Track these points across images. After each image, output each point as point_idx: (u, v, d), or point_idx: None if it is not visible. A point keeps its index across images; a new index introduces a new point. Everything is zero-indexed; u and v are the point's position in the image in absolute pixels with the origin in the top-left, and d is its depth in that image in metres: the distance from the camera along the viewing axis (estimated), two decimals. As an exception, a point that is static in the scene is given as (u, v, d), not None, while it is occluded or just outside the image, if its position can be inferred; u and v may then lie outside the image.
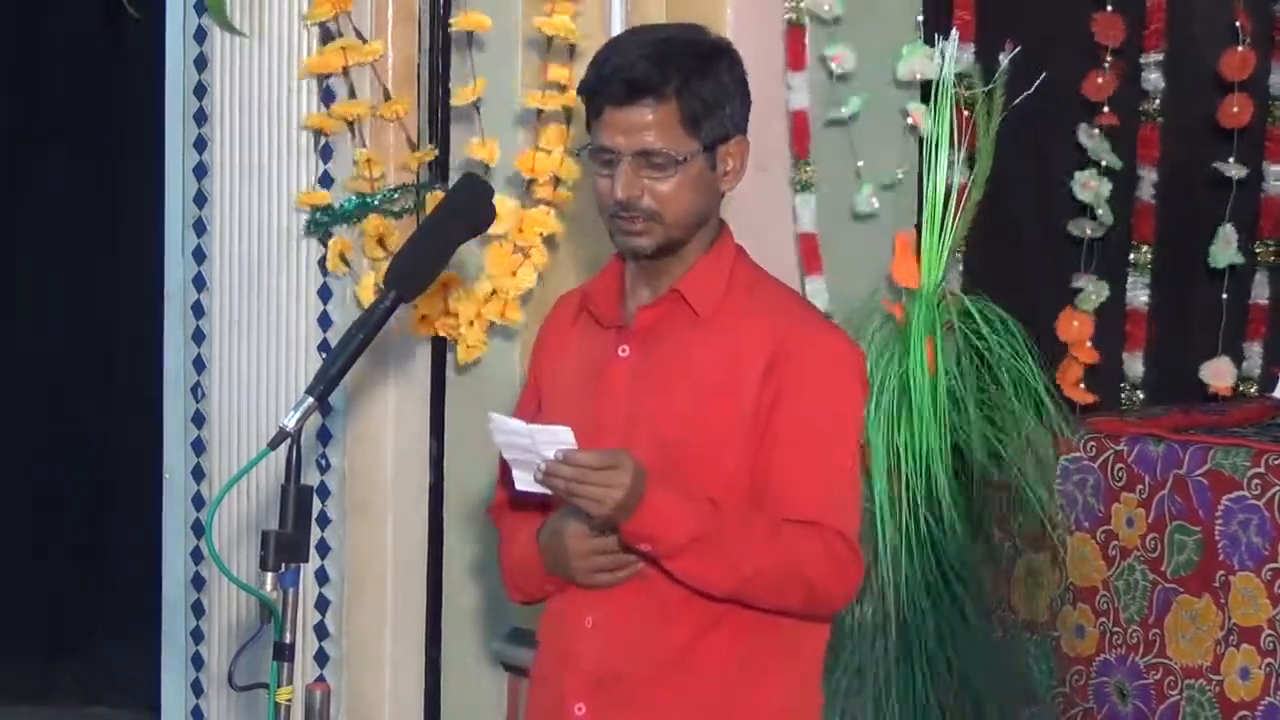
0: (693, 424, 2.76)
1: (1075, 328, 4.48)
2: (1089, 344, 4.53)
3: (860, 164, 4.22)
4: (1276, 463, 3.77)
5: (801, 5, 4.24)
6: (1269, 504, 3.76)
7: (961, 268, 4.48)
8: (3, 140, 6.18)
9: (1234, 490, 3.81)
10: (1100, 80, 4.50)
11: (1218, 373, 4.55)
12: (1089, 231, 4.52)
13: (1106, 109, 4.52)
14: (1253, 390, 4.62)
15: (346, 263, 4.52)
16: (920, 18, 4.37)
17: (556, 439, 2.63)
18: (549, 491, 2.68)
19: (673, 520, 2.67)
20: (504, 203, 4.04)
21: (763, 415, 2.74)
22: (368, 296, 4.42)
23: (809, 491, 2.73)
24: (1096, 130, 4.51)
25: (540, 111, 4.25)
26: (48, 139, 6.15)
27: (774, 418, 2.74)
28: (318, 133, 4.57)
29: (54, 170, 6.15)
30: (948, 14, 4.40)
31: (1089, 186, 4.49)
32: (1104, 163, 4.50)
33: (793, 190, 4.24)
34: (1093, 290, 4.53)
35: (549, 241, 4.34)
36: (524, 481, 2.70)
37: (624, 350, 2.83)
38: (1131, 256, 4.58)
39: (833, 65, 4.24)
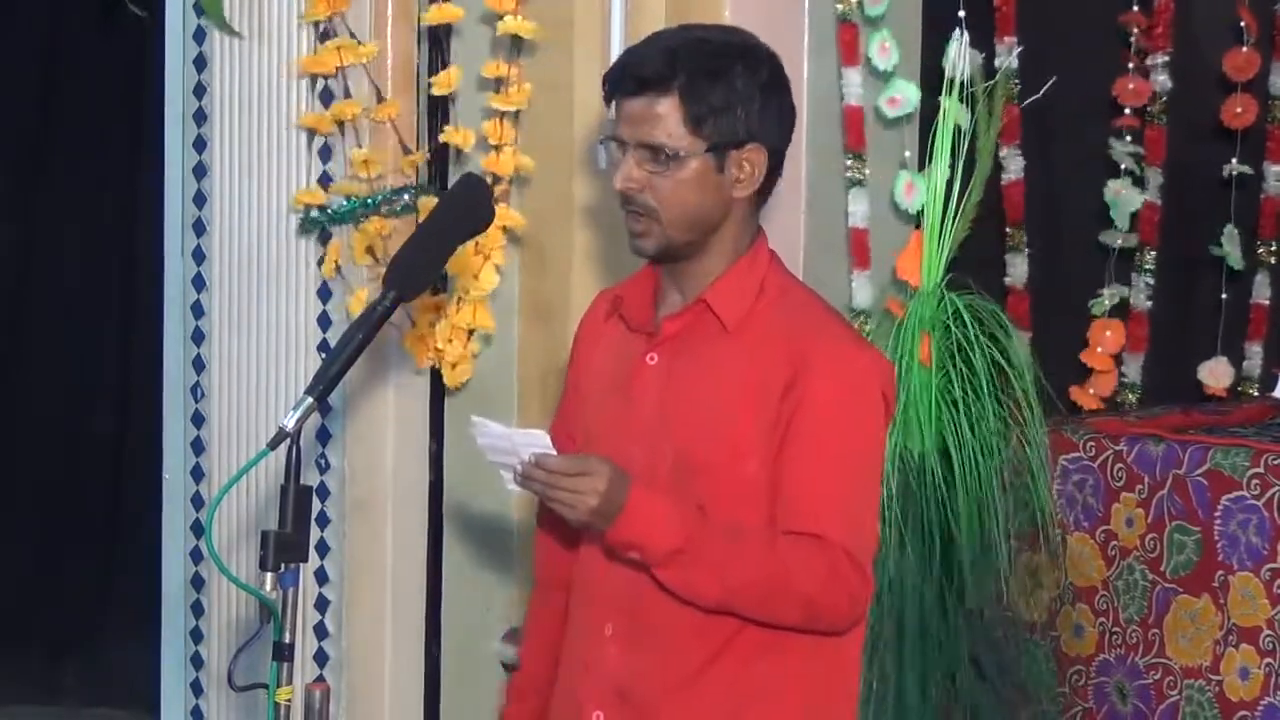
0: (715, 434, 2.75)
1: (1109, 337, 4.48)
2: (1099, 351, 4.52)
3: (908, 154, 4.21)
4: (1276, 463, 3.77)
5: (849, 3, 4.23)
6: (1268, 504, 3.77)
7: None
8: (3, 141, 6.18)
9: (1233, 490, 3.82)
10: (1131, 85, 4.48)
11: (1215, 373, 4.55)
12: (1119, 242, 4.51)
13: (1128, 111, 4.50)
14: (1253, 390, 4.63)
15: (339, 269, 4.52)
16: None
17: (535, 442, 2.62)
18: (528, 493, 2.68)
19: (655, 528, 2.65)
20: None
21: (781, 427, 2.72)
22: (360, 310, 4.42)
23: (816, 505, 2.71)
24: (1129, 137, 4.50)
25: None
26: (47, 139, 6.15)
27: (791, 430, 2.72)
28: (311, 132, 4.56)
29: (54, 171, 6.14)
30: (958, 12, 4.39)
31: (1120, 194, 4.48)
32: (1124, 167, 4.48)
33: (845, 186, 4.24)
34: (1109, 294, 4.51)
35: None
36: (508, 481, 2.70)
37: (652, 358, 2.82)
38: (1136, 258, 4.59)
39: (880, 59, 4.22)
